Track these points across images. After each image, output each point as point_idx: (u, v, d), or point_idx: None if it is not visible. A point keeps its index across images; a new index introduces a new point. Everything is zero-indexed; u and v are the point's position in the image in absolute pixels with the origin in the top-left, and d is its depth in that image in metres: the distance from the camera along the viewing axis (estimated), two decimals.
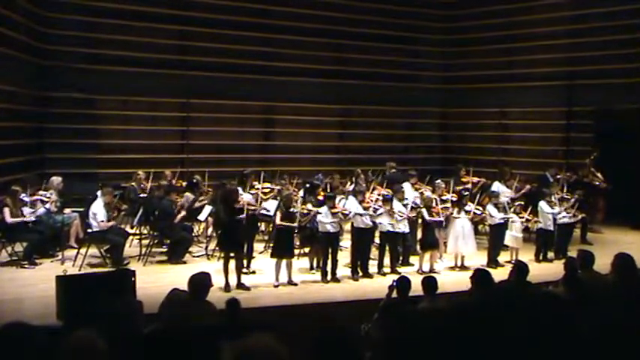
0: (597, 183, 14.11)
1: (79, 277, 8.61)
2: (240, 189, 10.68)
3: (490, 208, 11.26)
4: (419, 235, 11.34)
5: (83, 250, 10.34)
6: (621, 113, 15.49)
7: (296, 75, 17.17)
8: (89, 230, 10.55)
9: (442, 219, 10.93)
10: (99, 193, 10.81)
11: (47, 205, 11.00)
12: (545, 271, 10.07)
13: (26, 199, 10.83)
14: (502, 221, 11.21)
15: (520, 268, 6.94)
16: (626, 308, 3.29)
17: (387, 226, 10.45)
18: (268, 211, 10.50)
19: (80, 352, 2.67)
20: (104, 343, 2.76)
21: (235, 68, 16.50)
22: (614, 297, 4.02)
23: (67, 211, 11.51)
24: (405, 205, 10.84)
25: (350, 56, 18.02)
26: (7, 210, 10.26)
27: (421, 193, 11.81)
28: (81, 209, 11.44)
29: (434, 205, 10.99)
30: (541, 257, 11.63)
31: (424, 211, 10.85)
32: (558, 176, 13.69)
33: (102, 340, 2.78)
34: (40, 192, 11.32)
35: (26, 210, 10.61)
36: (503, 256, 11.40)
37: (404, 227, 10.73)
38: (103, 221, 10.37)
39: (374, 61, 18.17)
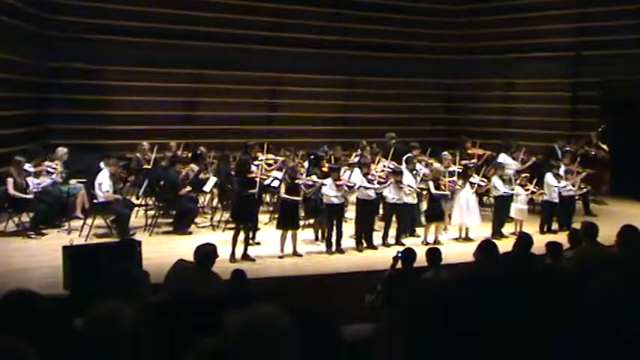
0: (602, 155, 14.06)
1: (85, 247, 8.68)
2: None
3: (495, 180, 11.24)
4: (424, 206, 11.36)
5: (89, 221, 10.41)
6: (628, 85, 15.34)
7: (302, 46, 17.02)
8: (95, 201, 10.60)
9: (448, 193, 10.91)
10: (102, 163, 10.81)
11: (53, 176, 11.04)
12: None
13: (30, 169, 10.86)
14: (506, 193, 11.20)
15: (524, 240, 6.96)
16: (630, 280, 3.30)
17: (394, 198, 10.47)
18: (279, 180, 10.47)
19: (106, 321, 2.69)
20: (130, 312, 2.77)
21: (241, 39, 16.35)
22: (618, 269, 4.03)
23: (72, 181, 11.55)
24: (414, 177, 10.88)
25: (356, 27, 17.82)
26: (10, 180, 10.29)
27: (430, 164, 11.80)
28: (86, 180, 11.48)
29: (442, 177, 10.96)
30: (545, 229, 11.63)
31: (431, 183, 10.82)
32: (567, 148, 13.64)
33: (128, 309, 2.78)
34: (46, 163, 11.34)
35: (30, 180, 10.64)
36: (508, 228, 11.40)
37: (412, 198, 10.80)
38: (108, 191, 10.41)
39: (380, 32, 17.97)
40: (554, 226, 11.75)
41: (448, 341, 1.96)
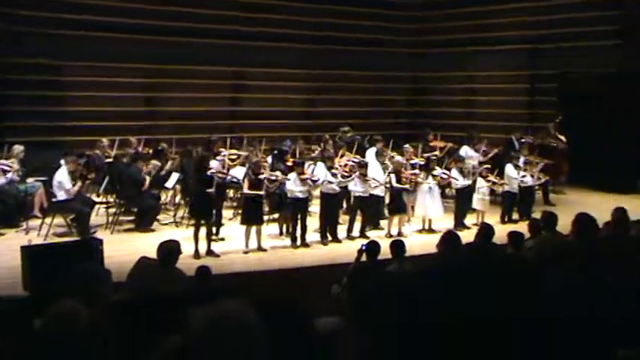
0: (560, 146, 14.35)
1: (44, 247, 8.50)
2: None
3: (454, 173, 11.39)
4: (387, 199, 11.44)
5: (48, 220, 10.19)
6: (585, 77, 15.67)
7: (264, 40, 16.93)
8: (54, 199, 10.38)
9: (410, 188, 11.01)
10: (62, 161, 10.60)
11: (9, 175, 10.77)
12: None
13: None
14: (464, 185, 11.36)
15: (486, 231, 7.07)
16: (584, 267, 3.39)
17: (360, 191, 10.52)
18: (237, 179, 10.47)
19: (63, 320, 2.66)
20: (86, 312, 2.75)
21: (204, 33, 16.17)
22: (574, 257, 4.13)
23: (29, 180, 11.28)
24: (383, 170, 10.97)
25: (318, 20, 17.80)
26: None
27: (392, 157, 11.88)
28: (45, 178, 11.23)
29: (403, 170, 11.05)
30: (506, 219, 11.84)
31: (392, 176, 10.90)
32: (523, 140, 13.88)
33: (84, 309, 2.77)
34: (1, 161, 11.05)
35: None
36: (470, 219, 11.57)
37: (379, 191, 10.91)
38: (69, 189, 10.19)
39: (342, 26, 17.99)
40: (515, 216, 11.97)
41: (412, 333, 1.98)
